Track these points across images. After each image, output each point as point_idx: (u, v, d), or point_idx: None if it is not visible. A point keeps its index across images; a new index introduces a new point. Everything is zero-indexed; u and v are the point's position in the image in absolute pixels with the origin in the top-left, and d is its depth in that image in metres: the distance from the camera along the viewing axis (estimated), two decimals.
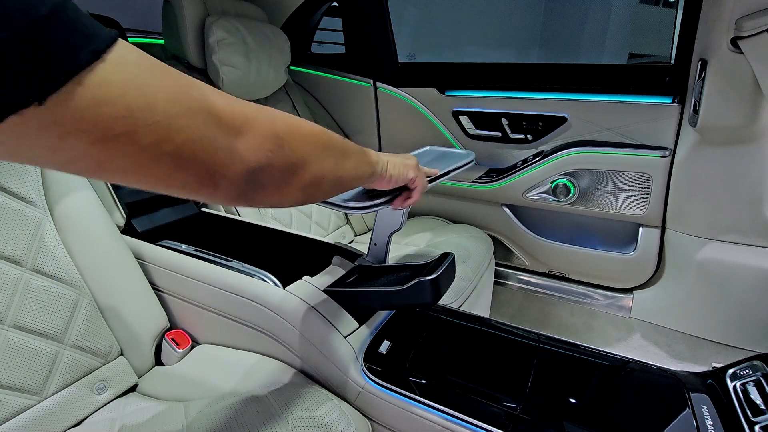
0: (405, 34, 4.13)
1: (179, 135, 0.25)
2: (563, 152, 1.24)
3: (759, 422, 0.51)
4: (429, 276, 0.60)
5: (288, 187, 0.36)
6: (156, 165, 0.25)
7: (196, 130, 0.26)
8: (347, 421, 0.57)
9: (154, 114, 0.24)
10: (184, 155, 0.26)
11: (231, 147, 0.29)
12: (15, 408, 0.58)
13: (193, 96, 0.27)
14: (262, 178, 0.32)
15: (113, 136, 0.23)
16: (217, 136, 0.28)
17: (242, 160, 0.30)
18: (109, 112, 0.22)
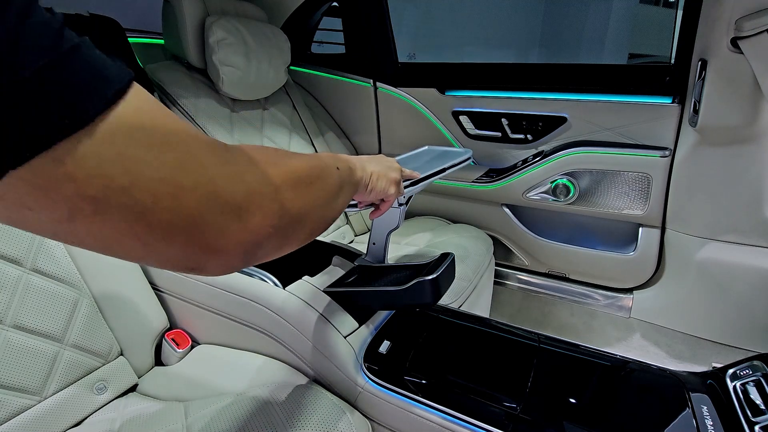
0: (405, 34, 4.13)
1: (163, 215, 0.22)
2: (563, 152, 1.24)
3: (759, 422, 0.51)
4: (429, 276, 0.60)
5: (285, 248, 0.33)
6: (128, 244, 0.22)
7: (184, 211, 0.23)
8: (347, 421, 0.57)
9: (131, 195, 0.21)
10: (167, 236, 0.23)
11: (226, 228, 0.25)
12: (15, 408, 0.58)
13: (189, 173, 0.23)
14: (259, 251, 0.29)
15: (80, 216, 0.20)
16: (211, 217, 0.24)
17: (238, 241, 0.26)
18: (78, 191, 0.19)
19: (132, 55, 1.05)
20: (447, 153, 0.91)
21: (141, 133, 0.21)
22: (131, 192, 0.21)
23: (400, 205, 0.76)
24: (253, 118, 1.26)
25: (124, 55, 1.01)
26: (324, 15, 1.56)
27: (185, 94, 1.11)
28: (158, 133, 0.22)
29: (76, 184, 0.19)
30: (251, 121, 1.25)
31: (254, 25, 1.23)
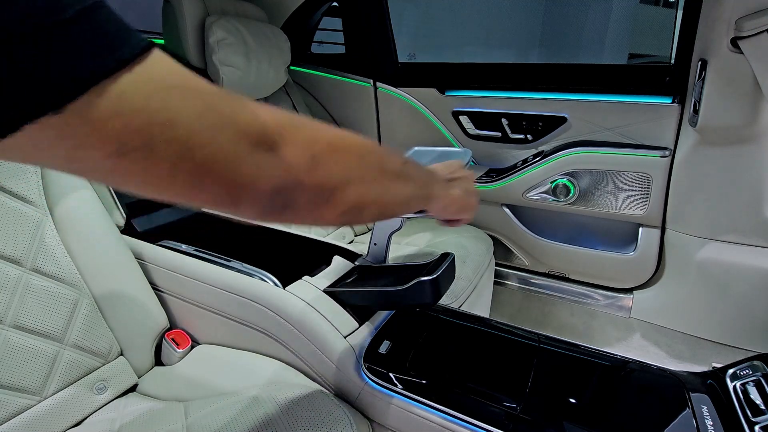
0: (405, 34, 4.13)
1: (200, 151, 0.24)
2: (563, 152, 1.24)
3: (759, 422, 0.51)
4: (429, 276, 0.60)
5: (321, 210, 0.32)
6: (173, 181, 0.24)
7: (218, 147, 0.25)
8: (347, 421, 0.57)
9: (173, 130, 0.23)
10: (204, 172, 0.25)
11: (257, 164, 0.27)
12: (15, 408, 0.58)
13: (219, 112, 0.25)
14: (290, 198, 0.30)
15: (129, 150, 0.22)
16: (242, 153, 0.26)
17: (268, 178, 0.28)
18: (126, 125, 0.21)
19: None
20: (446, 153, 0.90)
21: (175, 76, 0.23)
22: (172, 128, 0.22)
23: None
24: None
25: None
26: (324, 15, 1.56)
27: None
28: (190, 79, 0.24)
29: (122, 118, 0.20)
30: None
31: (254, 25, 1.23)
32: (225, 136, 0.25)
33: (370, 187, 0.36)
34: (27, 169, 0.66)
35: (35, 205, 0.66)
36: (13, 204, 0.64)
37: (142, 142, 0.22)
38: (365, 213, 0.37)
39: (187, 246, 0.82)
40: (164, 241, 0.84)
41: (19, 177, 0.65)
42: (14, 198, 0.64)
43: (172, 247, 0.82)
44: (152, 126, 0.22)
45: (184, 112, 0.23)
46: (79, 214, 0.72)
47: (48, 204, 0.68)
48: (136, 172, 0.23)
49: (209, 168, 0.25)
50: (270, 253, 0.84)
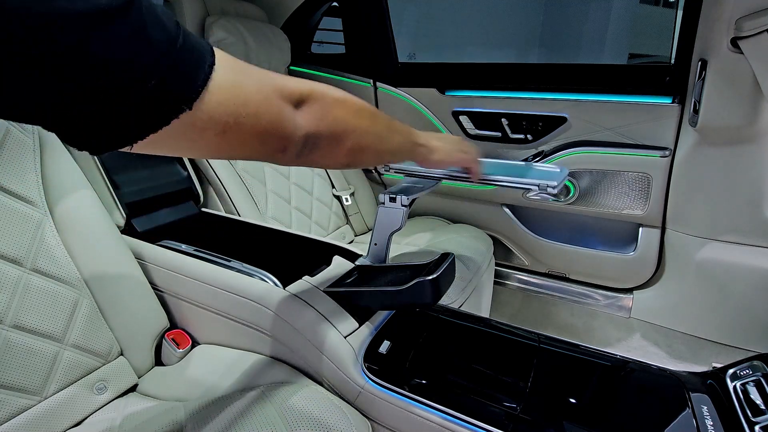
0: (405, 34, 4.12)
1: (264, 118, 0.34)
2: (563, 152, 1.24)
3: (759, 422, 0.51)
4: (429, 276, 0.60)
5: (335, 150, 0.45)
6: (251, 142, 0.35)
7: (273, 111, 0.35)
8: (347, 421, 0.57)
9: (248, 107, 0.33)
10: (268, 131, 0.35)
11: (294, 119, 0.38)
12: (15, 408, 0.58)
13: (268, 84, 0.35)
14: (315, 141, 0.41)
15: (228, 127, 0.31)
16: (285, 113, 0.37)
17: (300, 128, 0.39)
18: (225, 110, 0.31)
19: None
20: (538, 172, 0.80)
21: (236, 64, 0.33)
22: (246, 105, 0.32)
23: (404, 206, 0.76)
24: None
25: None
26: (324, 15, 1.56)
27: None
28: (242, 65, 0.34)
29: (223, 105, 0.30)
30: None
31: (254, 25, 1.23)
32: (274, 102, 0.36)
33: (367, 134, 0.48)
34: (27, 169, 0.66)
35: (35, 205, 0.66)
36: (13, 204, 0.64)
37: (234, 120, 0.32)
38: (366, 154, 0.49)
39: (187, 246, 0.82)
40: (164, 241, 0.84)
41: (19, 177, 0.65)
42: (14, 198, 0.64)
43: (172, 247, 0.82)
44: (238, 107, 0.32)
45: (251, 91, 0.33)
46: (79, 214, 0.72)
47: (48, 204, 0.68)
48: (230, 143, 0.33)
49: (270, 128, 0.35)
50: (270, 253, 0.84)
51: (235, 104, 0.31)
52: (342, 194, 1.43)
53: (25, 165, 0.66)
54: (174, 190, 0.98)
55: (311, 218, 1.32)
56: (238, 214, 1.09)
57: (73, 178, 0.73)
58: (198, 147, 0.32)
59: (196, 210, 1.02)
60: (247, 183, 1.16)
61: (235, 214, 1.09)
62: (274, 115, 0.35)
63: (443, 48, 4.61)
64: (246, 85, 0.32)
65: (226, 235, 0.92)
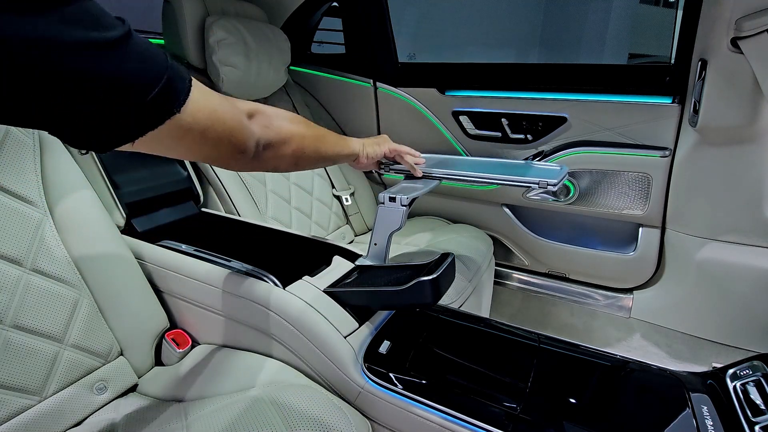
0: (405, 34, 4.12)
1: (229, 123, 0.45)
2: (563, 152, 1.24)
3: (759, 422, 0.51)
4: (429, 276, 0.60)
5: (280, 153, 0.57)
6: (222, 142, 0.44)
7: (235, 118, 0.46)
8: (347, 421, 0.57)
9: (218, 113, 0.43)
10: (233, 133, 0.46)
11: (249, 126, 0.50)
12: (15, 408, 0.58)
13: (227, 101, 0.46)
14: (265, 144, 0.54)
15: (206, 127, 0.41)
16: (243, 120, 0.49)
17: (254, 133, 0.51)
18: (203, 114, 0.40)
19: None
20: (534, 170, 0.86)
21: (203, 86, 0.41)
22: (216, 114, 0.42)
23: (403, 206, 0.76)
24: None
25: None
26: (324, 15, 1.56)
27: None
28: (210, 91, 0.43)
29: (203, 111, 0.40)
30: None
31: (254, 25, 1.23)
32: (235, 112, 0.47)
33: (305, 139, 0.61)
34: (27, 169, 0.66)
35: (35, 205, 0.66)
36: (13, 204, 0.64)
37: (211, 123, 0.42)
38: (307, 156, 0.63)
39: (187, 246, 0.82)
40: (164, 241, 0.84)
41: (19, 177, 0.65)
42: (14, 198, 0.64)
43: (172, 247, 0.82)
44: (211, 112, 0.42)
45: (216, 102, 0.43)
46: (79, 214, 0.72)
47: (48, 204, 0.68)
48: (207, 143, 0.43)
49: (233, 130, 0.46)
50: (270, 253, 0.84)
51: (209, 110, 0.41)
52: (342, 194, 1.43)
53: (25, 165, 0.66)
54: (174, 190, 0.98)
55: (311, 218, 1.32)
56: (238, 214, 1.09)
57: (73, 178, 0.73)
58: (184, 144, 0.40)
59: (196, 210, 1.02)
60: (247, 183, 1.16)
61: (235, 214, 1.09)
62: (236, 121, 0.46)
63: (443, 48, 4.61)
64: (213, 99, 0.43)
65: (226, 235, 0.92)
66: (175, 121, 0.37)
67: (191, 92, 0.38)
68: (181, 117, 0.37)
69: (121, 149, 0.36)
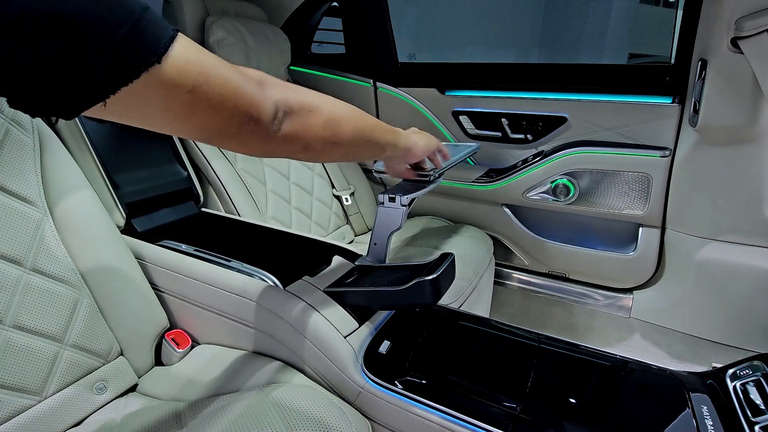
0: (405, 34, 4.12)
1: (232, 82, 0.35)
2: (563, 152, 1.24)
3: (759, 422, 0.51)
4: (429, 276, 0.60)
5: (310, 121, 0.44)
6: (223, 108, 0.35)
7: (241, 81, 0.36)
8: (347, 421, 0.57)
9: (216, 70, 0.34)
10: (237, 95, 0.36)
11: (262, 91, 0.39)
12: (15, 408, 0.58)
13: (232, 66, 0.37)
14: (286, 109, 0.42)
15: (198, 85, 0.32)
16: (252, 84, 0.38)
17: (269, 96, 0.40)
18: (194, 68, 0.32)
19: None
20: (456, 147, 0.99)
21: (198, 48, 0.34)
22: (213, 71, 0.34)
23: (403, 206, 0.76)
24: None
25: None
26: (324, 15, 1.56)
27: None
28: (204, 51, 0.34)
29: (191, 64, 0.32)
30: None
31: (254, 25, 1.23)
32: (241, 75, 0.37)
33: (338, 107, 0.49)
34: (27, 169, 0.66)
35: (35, 205, 0.66)
36: (13, 204, 0.64)
37: (204, 80, 0.33)
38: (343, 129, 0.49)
39: (187, 246, 0.82)
40: (164, 241, 0.84)
41: (19, 177, 0.65)
42: (14, 198, 0.64)
43: (172, 247, 0.82)
44: (206, 67, 0.33)
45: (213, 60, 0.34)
46: (79, 214, 0.72)
47: (48, 204, 0.68)
48: (201, 103, 0.33)
49: (237, 91, 0.36)
50: (270, 253, 0.84)
51: (200, 64, 0.33)
52: (342, 194, 1.43)
53: (25, 165, 0.66)
54: (174, 190, 0.98)
55: (311, 218, 1.32)
56: (238, 214, 1.09)
57: (73, 178, 0.73)
58: (173, 108, 0.32)
59: (196, 210, 1.02)
60: (247, 183, 1.16)
61: (235, 214, 1.09)
62: (241, 83, 0.36)
63: (443, 48, 4.60)
64: (211, 58, 0.34)
65: (226, 235, 0.92)
66: (155, 73, 0.29)
67: (175, 42, 0.31)
68: (162, 68, 0.30)
69: (94, 115, 0.30)
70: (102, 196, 0.80)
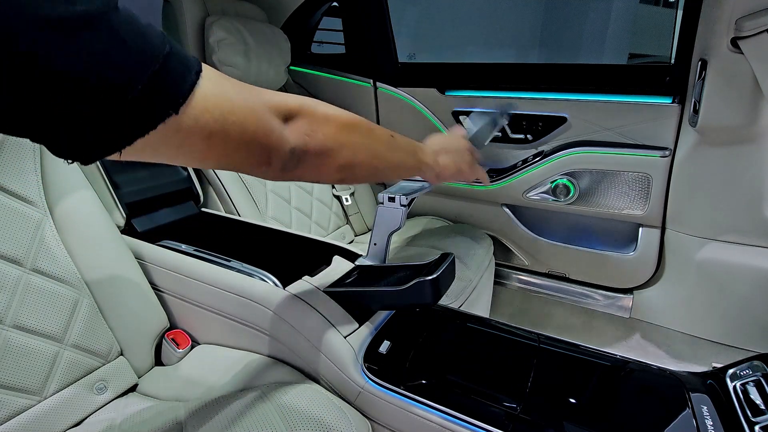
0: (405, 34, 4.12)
1: (250, 128, 0.35)
2: (563, 152, 1.24)
3: (759, 422, 0.51)
4: (429, 276, 0.60)
5: (323, 166, 0.44)
6: (237, 151, 0.35)
7: (260, 122, 0.36)
8: (347, 421, 0.57)
9: (235, 115, 0.33)
10: (254, 141, 0.36)
11: (281, 133, 0.39)
12: (15, 408, 0.58)
13: (256, 97, 0.37)
14: (301, 156, 0.41)
15: (214, 133, 0.32)
16: (273, 125, 0.38)
17: (287, 141, 0.39)
18: (211, 116, 0.31)
19: None
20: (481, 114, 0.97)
21: (222, 77, 0.34)
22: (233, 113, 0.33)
23: (403, 206, 0.76)
24: None
25: None
26: (324, 15, 1.56)
27: None
28: (230, 78, 0.35)
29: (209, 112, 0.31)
30: None
31: (254, 25, 1.23)
32: (263, 114, 0.36)
33: (358, 151, 0.47)
34: (27, 169, 0.66)
35: (35, 205, 0.66)
36: (13, 204, 0.64)
37: (220, 127, 0.32)
38: (357, 172, 0.48)
39: (187, 246, 0.82)
40: (164, 241, 0.84)
41: (19, 177, 0.65)
42: (14, 198, 0.64)
43: (172, 247, 0.82)
44: (224, 114, 0.32)
45: (237, 102, 0.34)
46: (79, 214, 0.72)
47: (48, 204, 0.68)
48: (215, 149, 0.33)
49: (257, 138, 0.36)
50: (270, 253, 0.84)
51: (221, 112, 0.32)
52: (342, 194, 1.43)
53: (25, 165, 0.66)
54: (174, 190, 0.98)
55: (311, 218, 1.32)
56: (238, 214, 1.09)
57: (73, 178, 0.73)
58: (184, 153, 0.32)
59: (196, 210, 1.02)
60: (247, 183, 1.16)
61: (235, 214, 1.09)
62: (260, 126, 0.36)
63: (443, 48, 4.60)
64: (233, 96, 0.33)
65: (226, 235, 0.92)
66: (172, 123, 0.29)
67: (199, 85, 0.30)
68: (179, 119, 0.29)
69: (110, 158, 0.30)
70: (102, 196, 0.80)
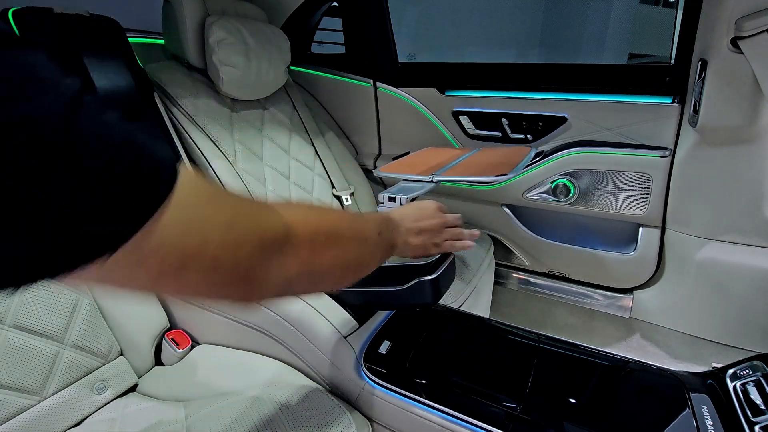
0: (405, 34, 4.12)
1: (226, 263, 0.28)
2: (563, 152, 1.24)
3: (759, 422, 0.51)
4: (429, 276, 0.60)
5: (315, 287, 0.40)
6: (205, 287, 0.28)
7: (242, 258, 0.29)
8: (347, 421, 0.57)
9: (206, 249, 0.26)
10: (229, 278, 0.28)
11: (269, 266, 0.31)
12: (15, 408, 0.58)
13: (243, 226, 0.29)
14: (293, 285, 0.35)
15: (170, 271, 0.25)
16: (260, 259, 0.30)
17: (279, 274, 0.32)
18: (167, 253, 0.24)
19: (132, 56, 1.05)
20: None
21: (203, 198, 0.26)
22: (205, 245, 0.26)
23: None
24: (253, 118, 1.26)
25: (124, 55, 1.01)
26: (324, 15, 1.56)
27: (185, 95, 1.11)
28: (216, 197, 0.28)
29: (163, 249, 0.24)
30: (251, 121, 1.25)
31: (254, 25, 1.23)
32: (247, 247, 0.29)
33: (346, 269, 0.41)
34: None
35: None
36: None
37: (178, 265, 0.25)
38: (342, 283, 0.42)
39: None
40: None
41: None
42: None
43: None
44: (186, 250, 0.25)
45: (213, 235, 0.26)
46: None
47: None
48: (172, 286, 0.26)
49: (234, 274, 0.28)
50: None
51: (184, 248, 0.25)
52: (342, 194, 1.43)
53: None
54: None
55: None
56: None
57: None
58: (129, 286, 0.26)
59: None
60: (247, 183, 1.16)
61: None
62: (243, 262, 0.29)
63: (443, 48, 4.61)
64: (209, 226, 0.26)
65: None
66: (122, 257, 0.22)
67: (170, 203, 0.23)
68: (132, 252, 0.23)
69: None
70: None
